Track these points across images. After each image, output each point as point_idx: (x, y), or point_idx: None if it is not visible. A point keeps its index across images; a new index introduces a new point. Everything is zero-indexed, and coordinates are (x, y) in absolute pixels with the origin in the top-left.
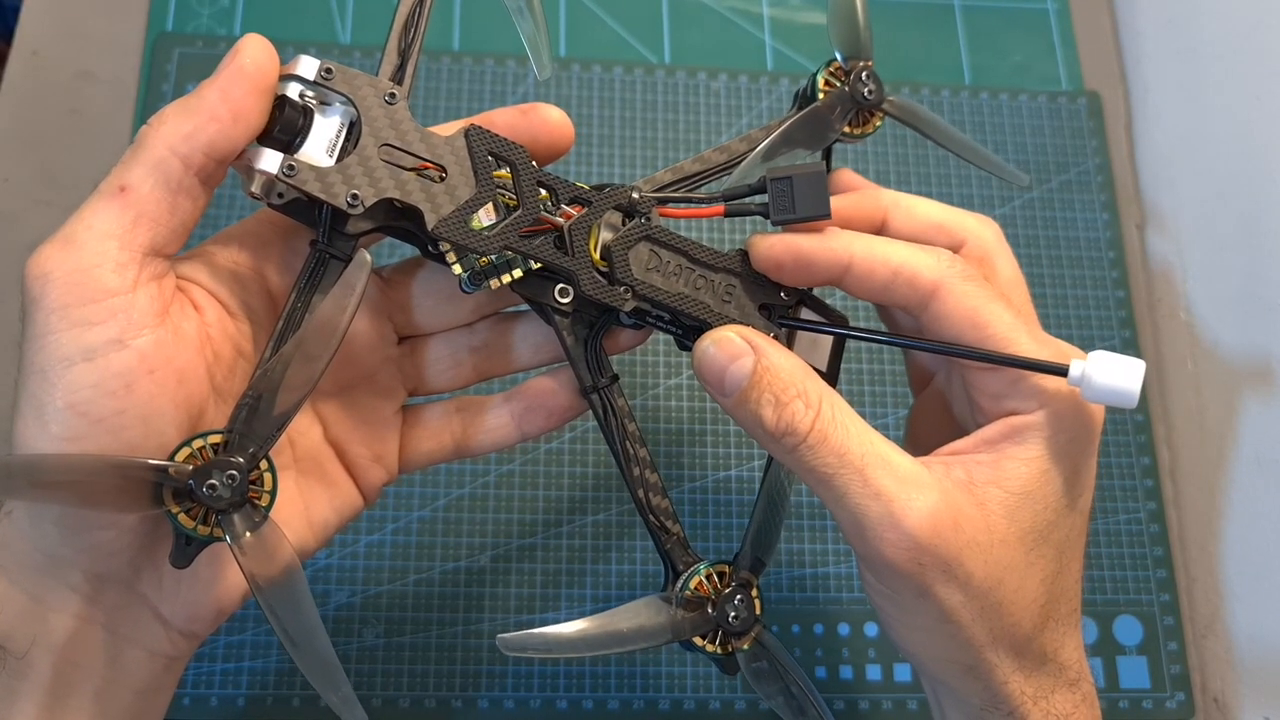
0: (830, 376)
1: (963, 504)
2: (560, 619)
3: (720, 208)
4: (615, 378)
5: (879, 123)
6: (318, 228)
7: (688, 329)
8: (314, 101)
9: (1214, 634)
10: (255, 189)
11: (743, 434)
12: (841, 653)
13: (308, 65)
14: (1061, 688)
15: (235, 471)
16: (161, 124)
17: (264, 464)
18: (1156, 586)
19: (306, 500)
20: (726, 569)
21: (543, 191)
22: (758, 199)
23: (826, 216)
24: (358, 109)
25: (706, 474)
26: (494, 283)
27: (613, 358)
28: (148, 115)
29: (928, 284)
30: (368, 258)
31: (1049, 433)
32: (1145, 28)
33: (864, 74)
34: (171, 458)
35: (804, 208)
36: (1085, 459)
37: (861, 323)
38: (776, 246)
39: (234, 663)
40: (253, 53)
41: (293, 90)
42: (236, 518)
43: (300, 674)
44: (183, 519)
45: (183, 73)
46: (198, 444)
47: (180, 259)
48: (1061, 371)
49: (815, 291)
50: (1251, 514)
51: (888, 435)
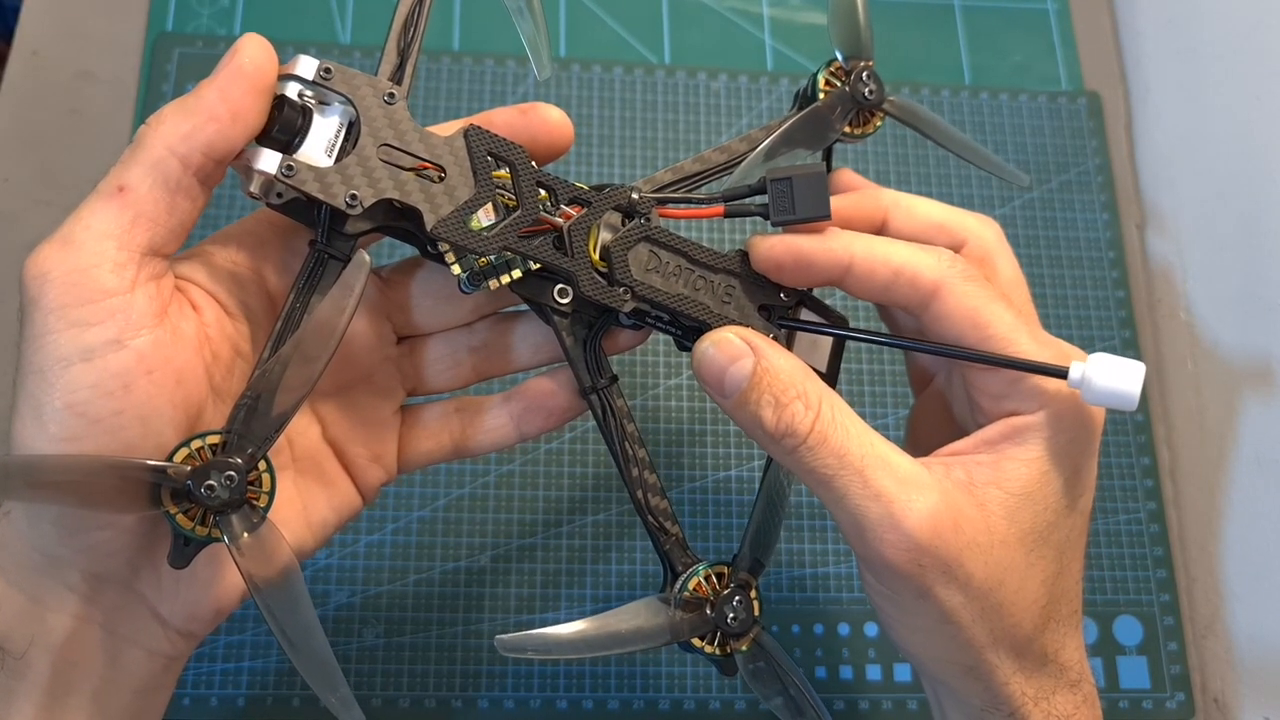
0: (830, 377)
1: (963, 505)
2: (560, 619)
3: (720, 208)
4: (614, 378)
5: (879, 123)
6: (316, 228)
7: (687, 330)
8: (313, 101)
9: (1214, 634)
10: (254, 189)
11: (742, 434)
12: (841, 653)
13: (307, 65)
14: (1062, 689)
15: (233, 472)
16: (160, 124)
17: (262, 464)
18: (1156, 586)
19: (305, 500)
20: (725, 570)
21: (542, 192)
22: (758, 200)
23: (827, 217)
24: (357, 109)
25: (706, 474)
26: (493, 283)
27: (612, 358)
28: (148, 115)
29: (929, 284)
30: (366, 258)
31: (1049, 433)
32: (1145, 28)
33: (865, 74)
34: (170, 458)
35: (804, 208)
36: (1086, 459)
37: (862, 323)
38: (777, 247)
39: (234, 663)
40: (251, 52)
41: (292, 90)
42: (234, 518)
43: (300, 674)
44: (181, 519)
45: (183, 73)
46: (196, 445)
47: (179, 259)
48: (1061, 374)
49: (815, 292)
50: (1251, 514)
51: (888, 435)
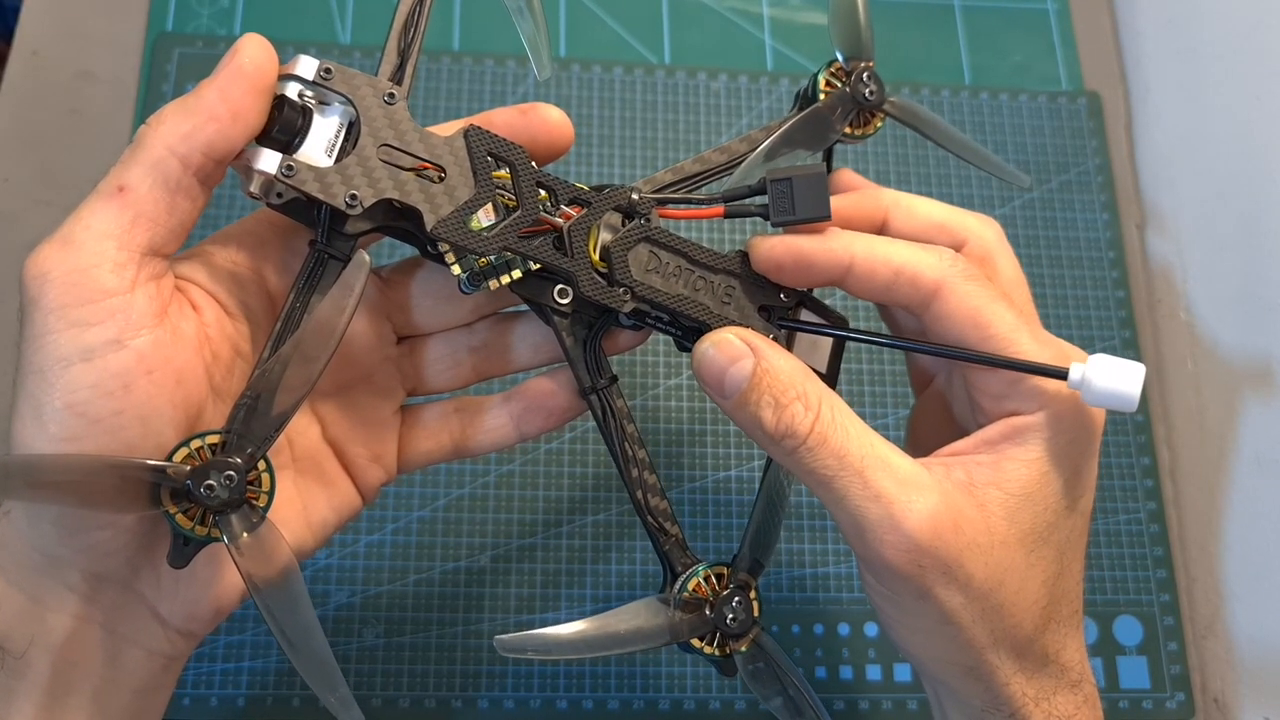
0: (830, 378)
1: (963, 505)
2: (560, 619)
3: (720, 209)
4: (614, 378)
5: (880, 123)
6: (316, 228)
7: (687, 330)
8: (313, 101)
9: (1214, 634)
10: (254, 189)
11: (742, 434)
12: (841, 653)
13: (307, 65)
14: (1063, 689)
15: (233, 472)
16: (160, 124)
17: (262, 464)
18: (1156, 586)
19: (305, 500)
20: (725, 571)
21: (542, 192)
22: (758, 200)
23: (827, 218)
24: (357, 109)
25: (706, 474)
26: (493, 283)
27: (612, 358)
28: (148, 115)
29: (930, 284)
30: (366, 258)
31: (1049, 434)
32: (1145, 28)
33: (865, 74)
34: (169, 458)
35: (804, 209)
36: (1086, 460)
37: (862, 323)
38: (777, 248)
39: (234, 663)
40: (251, 52)
41: (292, 90)
42: (234, 518)
43: (299, 674)
44: (180, 519)
45: (183, 73)
46: (196, 444)
47: (179, 259)
48: (1061, 375)
49: (815, 292)
50: (1251, 514)
51: (888, 435)
